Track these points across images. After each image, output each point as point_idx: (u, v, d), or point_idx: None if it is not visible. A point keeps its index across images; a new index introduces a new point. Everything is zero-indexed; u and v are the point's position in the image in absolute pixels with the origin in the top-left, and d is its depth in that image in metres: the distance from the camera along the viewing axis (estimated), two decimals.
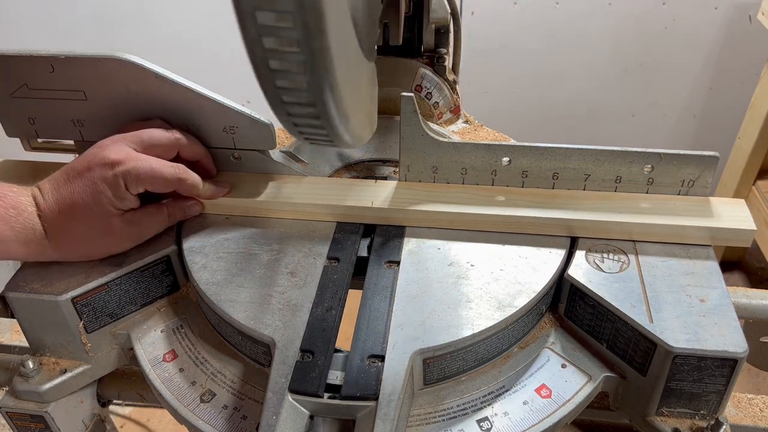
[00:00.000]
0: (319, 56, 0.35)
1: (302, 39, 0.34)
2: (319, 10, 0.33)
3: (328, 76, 0.36)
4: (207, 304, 0.55)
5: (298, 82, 0.37)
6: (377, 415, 0.44)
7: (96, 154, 0.55)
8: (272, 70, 0.36)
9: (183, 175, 0.57)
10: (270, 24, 0.34)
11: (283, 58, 0.35)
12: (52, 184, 0.55)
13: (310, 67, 0.35)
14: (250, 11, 0.33)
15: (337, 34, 0.36)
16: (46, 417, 0.58)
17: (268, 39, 0.34)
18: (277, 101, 0.39)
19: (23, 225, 0.53)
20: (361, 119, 0.46)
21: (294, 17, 0.33)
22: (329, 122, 0.40)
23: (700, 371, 0.48)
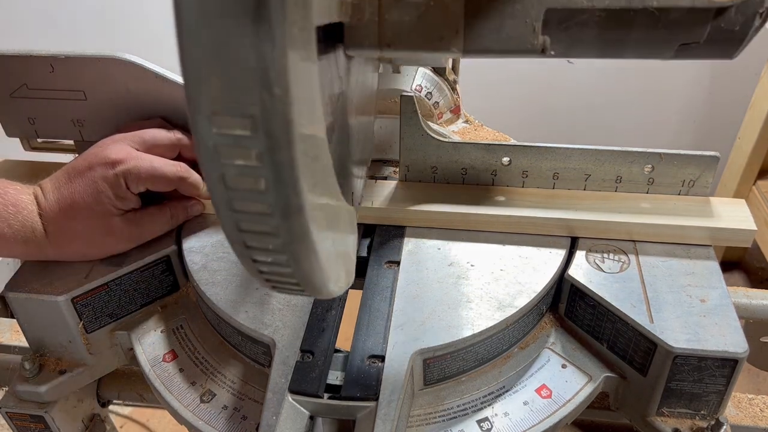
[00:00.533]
0: (286, 172, 0.28)
1: (266, 150, 0.27)
2: (287, 118, 0.26)
3: (296, 199, 0.29)
4: (207, 304, 0.55)
5: (260, 204, 0.29)
6: (377, 416, 0.44)
7: (97, 154, 0.55)
8: (230, 188, 0.29)
9: (184, 174, 0.57)
10: (228, 132, 0.27)
11: (243, 173, 0.28)
12: (53, 183, 0.55)
13: (274, 185, 0.28)
14: (206, 115, 0.27)
15: (307, 152, 0.29)
16: (46, 417, 0.58)
17: (225, 150, 0.27)
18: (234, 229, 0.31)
19: (22, 223, 0.53)
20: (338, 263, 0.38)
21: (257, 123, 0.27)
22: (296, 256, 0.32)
23: (700, 371, 0.48)
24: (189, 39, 0.25)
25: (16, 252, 0.54)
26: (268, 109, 0.26)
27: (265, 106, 0.26)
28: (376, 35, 0.43)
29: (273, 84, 0.25)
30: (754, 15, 0.42)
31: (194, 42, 0.25)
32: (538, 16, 0.43)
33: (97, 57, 0.58)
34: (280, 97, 0.26)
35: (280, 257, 0.32)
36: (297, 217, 0.30)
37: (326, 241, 0.34)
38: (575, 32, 0.44)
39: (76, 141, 0.66)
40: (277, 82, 0.25)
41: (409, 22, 0.43)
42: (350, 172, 0.51)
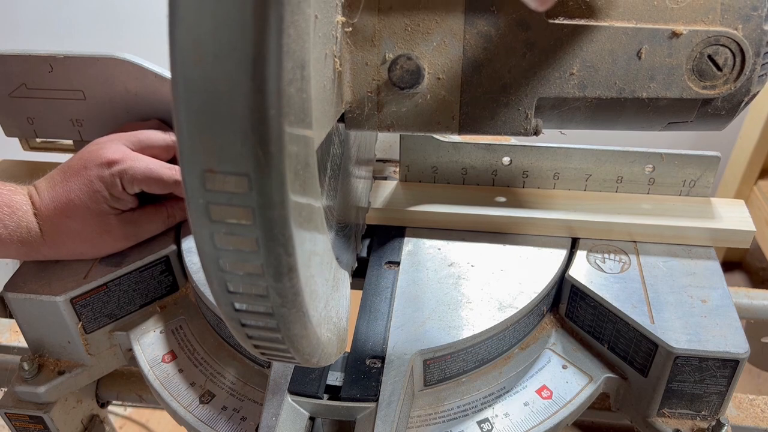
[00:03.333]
0: (279, 230, 0.27)
1: (258, 207, 0.26)
2: (281, 173, 0.26)
3: (288, 259, 0.28)
4: (206, 304, 0.54)
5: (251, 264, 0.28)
6: (377, 417, 0.44)
7: (93, 153, 0.55)
8: (219, 248, 0.28)
9: (179, 177, 0.57)
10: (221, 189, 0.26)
11: (234, 232, 0.27)
12: (48, 182, 0.55)
13: (265, 244, 0.27)
14: (198, 173, 0.26)
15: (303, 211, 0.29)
16: (45, 418, 0.58)
17: (216, 208, 0.26)
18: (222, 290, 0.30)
19: (17, 224, 0.52)
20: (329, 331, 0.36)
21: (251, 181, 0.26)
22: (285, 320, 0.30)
23: (701, 372, 0.48)
24: (184, 95, 0.24)
25: (12, 253, 0.54)
26: (262, 167, 0.25)
27: (260, 164, 0.25)
28: (376, 122, 0.45)
29: (269, 142, 0.25)
30: (740, 102, 0.44)
31: (189, 98, 0.24)
32: (531, 104, 0.44)
33: (96, 57, 0.58)
34: (275, 155, 0.25)
35: (270, 321, 0.30)
36: (288, 277, 0.28)
37: (318, 305, 0.33)
38: (567, 114, 0.46)
39: (75, 141, 0.66)
40: (272, 140, 0.25)
41: (407, 112, 0.45)
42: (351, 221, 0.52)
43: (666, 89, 0.43)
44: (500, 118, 0.45)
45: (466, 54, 0.43)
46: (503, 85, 0.44)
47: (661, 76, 0.43)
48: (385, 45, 0.42)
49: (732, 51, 0.42)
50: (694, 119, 0.46)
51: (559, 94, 0.44)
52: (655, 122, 0.46)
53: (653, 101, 0.44)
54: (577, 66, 0.43)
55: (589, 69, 0.43)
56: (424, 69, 0.43)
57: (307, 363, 0.35)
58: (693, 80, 0.43)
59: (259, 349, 0.34)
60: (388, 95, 0.44)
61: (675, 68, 0.43)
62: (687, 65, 0.42)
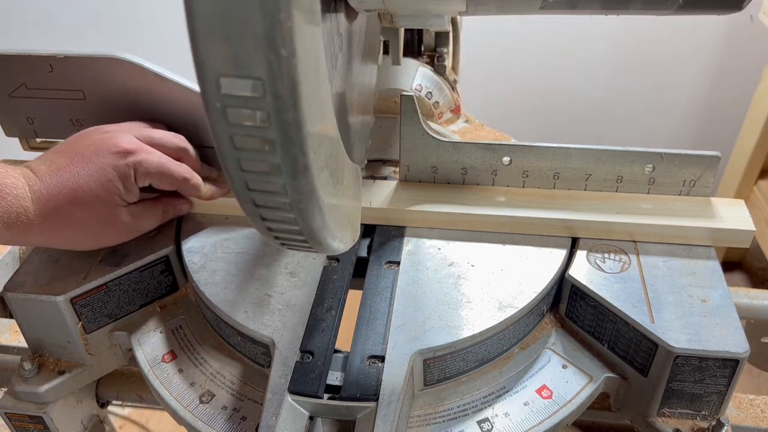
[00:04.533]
0: (294, 132, 0.29)
1: (273, 110, 0.28)
2: (293, 78, 0.27)
3: (303, 159, 0.30)
4: (206, 304, 0.54)
5: (269, 164, 0.30)
6: (377, 416, 0.44)
7: (105, 140, 0.53)
8: (238, 149, 0.30)
9: (188, 175, 0.57)
10: (236, 94, 0.28)
11: (251, 134, 0.29)
12: (50, 165, 0.52)
13: (281, 145, 0.29)
14: (213, 78, 0.28)
15: (315, 112, 0.31)
16: (45, 418, 0.58)
17: (233, 111, 0.28)
18: (243, 188, 0.32)
19: (5, 208, 0.50)
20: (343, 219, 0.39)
21: (264, 85, 0.27)
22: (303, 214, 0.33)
23: (701, 372, 0.48)
24: (196, 2, 0.26)
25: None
26: (275, 70, 0.27)
27: (272, 67, 0.27)
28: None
29: (280, 46, 0.26)
30: None
31: (201, 5, 0.26)
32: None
33: (96, 57, 0.58)
34: (287, 58, 0.27)
35: (288, 215, 0.33)
36: (304, 175, 0.31)
37: (332, 198, 0.35)
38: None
39: None
40: (283, 43, 0.26)
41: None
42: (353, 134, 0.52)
43: None
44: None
45: None
46: None
47: None
48: None
49: None
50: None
51: None
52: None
53: None
54: None
55: None
56: None
57: (324, 251, 0.38)
58: None
59: (279, 241, 0.37)
60: None
61: None
62: None
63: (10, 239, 0.52)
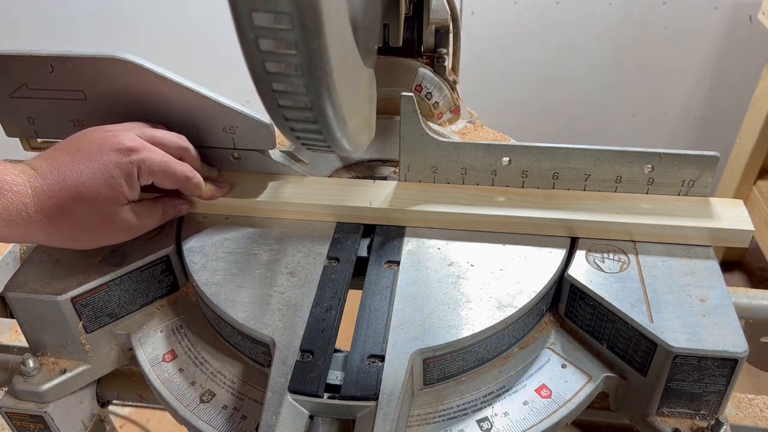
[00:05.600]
0: (317, 58, 0.35)
1: (300, 40, 0.34)
2: (316, 10, 0.33)
3: (326, 79, 0.37)
4: (206, 304, 0.55)
5: (296, 85, 0.37)
6: (377, 415, 0.44)
7: (108, 138, 0.53)
8: (269, 72, 0.36)
9: (190, 174, 0.57)
10: (266, 26, 0.33)
11: (280, 60, 0.35)
12: (52, 163, 0.52)
13: (307, 69, 0.35)
14: (246, 12, 0.33)
15: (335, 36, 0.36)
16: (46, 417, 0.58)
17: (264, 41, 0.34)
18: (274, 105, 0.39)
19: (5, 205, 0.49)
20: (360, 125, 0.46)
21: (291, 18, 0.33)
22: (327, 126, 0.40)
23: (700, 371, 0.48)
24: None
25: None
26: (300, 4, 0.32)
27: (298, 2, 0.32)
28: None
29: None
30: None
31: None
32: None
33: (97, 57, 0.58)
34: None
35: (314, 126, 0.41)
36: (327, 93, 0.38)
37: (352, 108, 0.42)
38: None
39: None
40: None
41: None
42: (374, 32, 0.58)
43: None
44: None
45: None
46: None
47: None
48: None
49: None
50: None
51: None
52: None
53: None
54: None
55: None
56: None
57: (342, 150, 0.45)
58: None
59: (301, 140, 0.44)
60: None
61: None
62: None
63: (9, 236, 0.52)
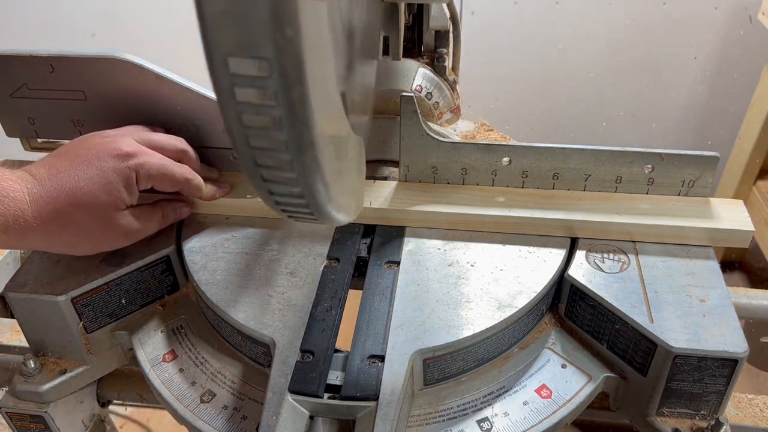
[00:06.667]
0: (299, 109, 0.30)
1: (279, 89, 0.29)
2: (298, 56, 0.29)
3: (309, 135, 0.32)
4: (207, 304, 0.55)
5: (275, 140, 0.32)
6: (377, 416, 0.44)
7: (106, 144, 0.53)
8: (246, 126, 0.31)
9: (189, 175, 0.57)
10: (243, 73, 0.29)
11: (259, 111, 0.30)
12: (50, 169, 0.52)
13: (288, 122, 0.31)
14: (221, 58, 0.28)
15: (320, 88, 0.32)
16: (46, 417, 0.58)
17: (241, 90, 0.30)
18: (251, 163, 0.34)
19: (1, 211, 0.49)
20: (347, 193, 0.41)
21: (271, 64, 0.29)
22: (309, 188, 0.35)
23: (700, 371, 0.48)
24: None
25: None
26: (281, 49, 0.28)
27: (278, 46, 0.28)
28: None
29: (285, 24, 0.27)
30: None
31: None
32: None
33: (97, 57, 0.58)
34: (292, 37, 0.27)
35: (294, 189, 0.35)
36: (310, 151, 0.32)
37: (337, 172, 0.37)
38: None
39: None
40: (289, 22, 0.27)
41: None
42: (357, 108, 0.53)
43: None
44: None
45: None
46: None
47: None
48: None
49: None
50: None
51: None
52: None
53: None
54: None
55: None
56: None
57: (330, 222, 0.40)
58: None
59: (287, 213, 0.39)
60: None
61: None
62: None
63: (7, 243, 0.52)
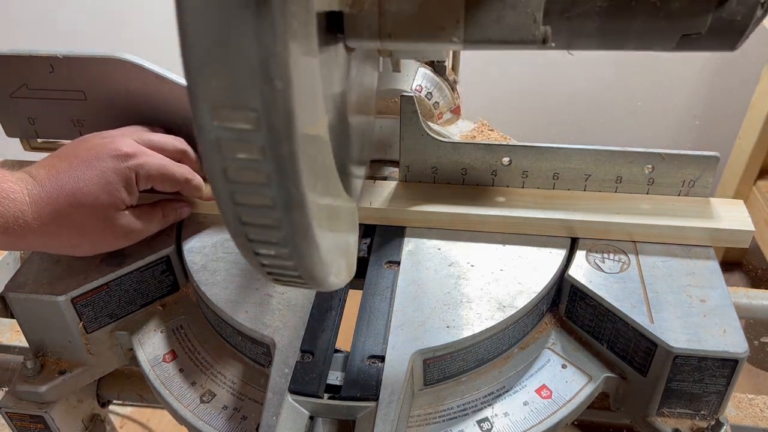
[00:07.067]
0: (287, 166, 0.28)
1: (267, 143, 0.27)
2: (288, 109, 0.26)
3: (297, 194, 0.29)
4: (207, 304, 0.55)
5: (262, 196, 0.29)
6: (377, 416, 0.44)
7: (105, 145, 0.53)
8: (231, 181, 0.29)
9: (189, 175, 0.57)
10: (230, 126, 0.27)
11: (245, 166, 0.28)
12: (49, 170, 0.52)
13: (275, 178, 0.28)
14: (207, 109, 0.27)
15: (310, 145, 0.30)
16: (46, 417, 0.58)
17: (227, 144, 0.27)
18: (236, 221, 0.31)
19: (1, 212, 0.49)
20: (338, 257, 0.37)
21: (258, 117, 0.26)
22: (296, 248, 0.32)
23: (700, 372, 0.48)
24: (191, 32, 0.25)
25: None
26: (270, 102, 0.26)
27: (267, 99, 0.26)
28: (377, 25, 0.42)
29: (275, 77, 0.25)
30: (756, 5, 0.42)
31: (196, 35, 0.25)
32: (539, 6, 0.42)
33: (97, 57, 0.58)
34: (282, 90, 0.26)
35: (282, 251, 0.32)
36: (298, 210, 0.30)
37: (327, 234, 0.34)
38: (577, 23, 0.44)
39: None
40: (278, 75, 0.25)
41: (409, 12, 0.42)
42: (350, 169, 0.51)
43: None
44: (507, 21, 0.43)
45: None
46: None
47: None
48: None
49: None
50: (707, 30, 0.43)
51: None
52: (667, 35, 0.44)
53: (665, 4, 0.42)
54: None
55: None
56: None
57: (319, 288, 0.37)
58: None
59: (273, 276, 0.35)
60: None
61: None
62: None
63: (7, 244, 0.52)
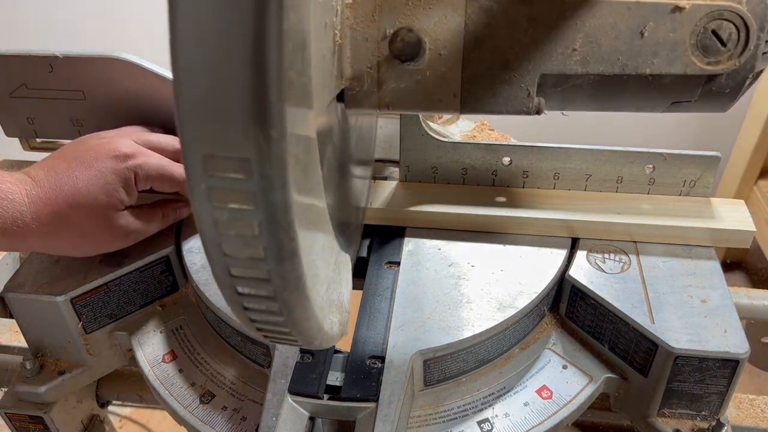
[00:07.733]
0: (280, 214, 0.27)
1: (259, 192, 0.26)
2: (281, 157, 0.26)
3: (291, 244, 0.28)
4: (206, 304, 0.54)
5: (252, 247, 0.28)
6: (377, 417, 0.44)
7: (104, 145, 0.53)
8: (222, 233, 0.28)
9: None
10: (221, 174, 0.26)
11: (235, 215, 0.27)
12: (48, 171, 0.52)
13: (267, 227, 0.27)
14: (198, 158, 0.26)
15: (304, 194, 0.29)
16: (45, 418, 0.58)
17: (217, 192, 0.27)
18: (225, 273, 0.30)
19: (0, 214, 0.49)
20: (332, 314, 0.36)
21: (250, 165, 0.25)
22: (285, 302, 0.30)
23: (701, 372, 0.48)
24: (185, 83, 0.24)
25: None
26: (264, 151, 0.25)
27: (261, 148, 0.25)
28: (376, 99, 0.44)
29: (270, 127, 0.25)
30: (745, 79, 0.43)
31: (190, 86, 0.24)
32: (533, 81, 0.44)
33: (96, 57, 0.58)
34: (277, 139, 0.25)
35: (272, 305, 0.30)
36: (290, 261, 0.28)
37: (320, 288, 0.33)
38: (569, 93, 0.45)
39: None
40: (273, 125, 0.25)
41: (407, 88, 0.43)
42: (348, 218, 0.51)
43: (669, 65, 0.42)
44: (502, 95, 0.44)
45: (468, 29, 0.42)
46: (505, 61, 0.43)
47: (665, 52, 0.42)
48: (385, 20, 0.42)
49: (736, 25, 0.41)
50: (698, 98, 0.44)
51: (561, 71, 0.43)
52: (659, 101, 0.45)
53: (657, 78, 0.43)
54: (580, 41, 0.42)
55: (591, 44, 0.42)
56: (425, 42, 0.42)
57: (309, 345, 0.35)
58: (697, 56, 0.42)
59: (262, 332, 0.34)
60: (388, 71, 0.43)
61: (678, 43, 0.42)
62: (690, 40, 0.42)
63: (6, 245, 0.52)
